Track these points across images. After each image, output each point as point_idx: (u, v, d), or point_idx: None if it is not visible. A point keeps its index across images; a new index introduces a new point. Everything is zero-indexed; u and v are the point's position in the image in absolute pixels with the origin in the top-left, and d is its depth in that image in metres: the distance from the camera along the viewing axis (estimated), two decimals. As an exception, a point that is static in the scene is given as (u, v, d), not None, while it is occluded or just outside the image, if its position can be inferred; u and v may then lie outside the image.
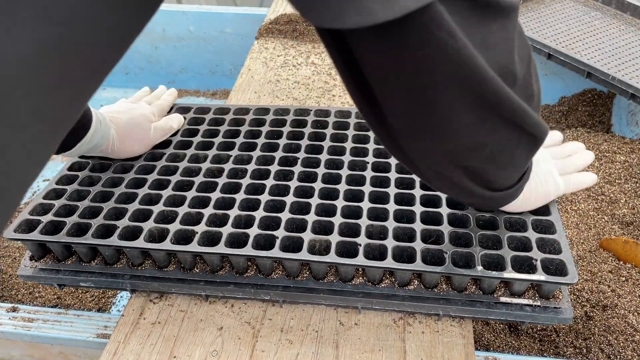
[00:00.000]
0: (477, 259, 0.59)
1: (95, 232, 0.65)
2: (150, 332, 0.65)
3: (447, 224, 0.64)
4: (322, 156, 0.76)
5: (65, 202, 0.70)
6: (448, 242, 0.62)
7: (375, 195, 0.69)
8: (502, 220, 0.64)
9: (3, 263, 1.19)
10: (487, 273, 0.58)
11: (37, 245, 0.67)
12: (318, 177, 0.72)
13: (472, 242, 0.61)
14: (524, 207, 0.63)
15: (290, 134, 0.81)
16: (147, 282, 0.66)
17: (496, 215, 0.64)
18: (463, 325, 0.64)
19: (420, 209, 0.66)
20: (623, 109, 1.50)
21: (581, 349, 0.86)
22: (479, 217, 0.65)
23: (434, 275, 0.61)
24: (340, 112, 0.84)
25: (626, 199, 1.14)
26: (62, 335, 0.70)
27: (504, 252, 0.60)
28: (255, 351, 0.62)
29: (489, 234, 0.62)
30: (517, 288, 0.60)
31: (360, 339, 0.63)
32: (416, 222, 0.64)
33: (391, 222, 0.64)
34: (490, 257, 0.60)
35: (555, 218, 0.64)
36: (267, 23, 1.31)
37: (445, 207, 0.66)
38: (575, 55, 1.27)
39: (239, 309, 0.67)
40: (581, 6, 1.49)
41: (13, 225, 0.66)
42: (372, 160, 0.74)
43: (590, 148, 1.30)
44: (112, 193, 0.71)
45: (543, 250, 0.61)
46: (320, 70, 1.14)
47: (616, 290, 0.94)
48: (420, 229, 0.63)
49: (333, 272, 0.64)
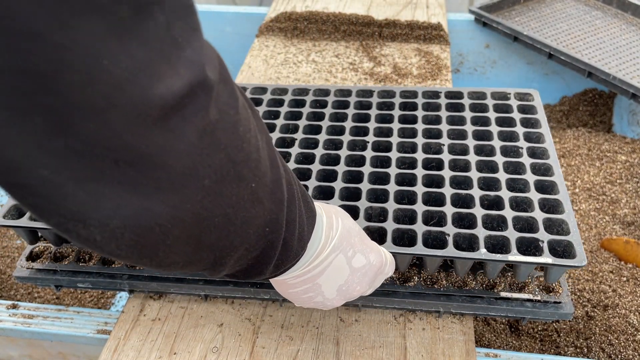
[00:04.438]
0: (480, 241, 0.56)
1: None
2: (151, 328, 0.64)
3: (450, 205, 0.61)
4: (320, 136, 0.75)
5: None
6: (451, 223, 0.59)
7: (376, 176, 0.67)
8: (508, 200, 0.61)
9: (2, 263, 1.18)
10: (490, 256, 0.55)
11: (28, 232, 0.65)
12: (316, 159, 0.71)
13: (475, 223, 0.59)
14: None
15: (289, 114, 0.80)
16: (145, 282, 0.66)
17: (501, 194, 0.62)
18: (464, 322, 0.64)
19: (422, 189, 0.64)
20: (624, 108, 1.50)
21: (582, 349, 0.86)
22: (483, 196, 0.62)
23: (436, 260, 0.59)
24: (340, 91, 0.83)
25: (627, 199, 1.14)
26: (62, 332, 0.69)
27: (509, 233, 0.57)
28: (256, 347, 0.62)
29: (494, 214, 0.60)
30: (523, 271, 0.57)
31: (360, 336, 0.63)
32: (417, 204, 0.62)
33: (391, 204, 0.62)
34: (495, 239, 0.57)
35: (563, 196, 0.60)
36: (268, 21, 1.31)
37: (448, 187, 0.64)
38: (576, 54, 1.27)
39: (239, 305, 0.67)
40: (582, 5, 1.49)
41: (2, 211, 0.63)
42: (373, 140, 0.73)
43: (591, 148, 1.30)
44: None
45: (550, 231, 0.58)
46: (320, 68, 1.14)
47: (617, 290, 0.94)
48: (421, 211, 0.60)
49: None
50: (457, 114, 0.75)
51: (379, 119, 0.78)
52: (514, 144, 0.70)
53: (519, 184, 0.64)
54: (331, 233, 0.46)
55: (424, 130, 0.73)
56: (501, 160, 0.67)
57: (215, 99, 0.30)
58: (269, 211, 0.38)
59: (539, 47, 1.32)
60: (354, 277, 0.49)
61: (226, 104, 0.32)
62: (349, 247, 0.47)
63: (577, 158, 1.27)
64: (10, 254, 1.21)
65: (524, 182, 0.64)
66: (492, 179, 0.65)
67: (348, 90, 0.83)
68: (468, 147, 0.70)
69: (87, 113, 0.24)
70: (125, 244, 0.30)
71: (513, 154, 0.69)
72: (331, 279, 0.47)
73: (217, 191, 0.32)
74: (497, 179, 0.64)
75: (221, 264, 0.38)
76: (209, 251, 0.35)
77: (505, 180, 0.64)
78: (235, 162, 0.33)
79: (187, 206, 0.31)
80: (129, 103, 0.25)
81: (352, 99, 0.81)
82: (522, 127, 0.72)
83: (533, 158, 0.67)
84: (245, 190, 0.35)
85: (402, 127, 0.74)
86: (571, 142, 1.33)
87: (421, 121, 0.75)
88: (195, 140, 0.29)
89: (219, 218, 0.34)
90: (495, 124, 0.73)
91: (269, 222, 0.38)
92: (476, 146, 0.70)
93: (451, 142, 0.71)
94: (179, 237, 0.32)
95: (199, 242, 0.34)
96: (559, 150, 1.31)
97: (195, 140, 0.29)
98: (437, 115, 0.76)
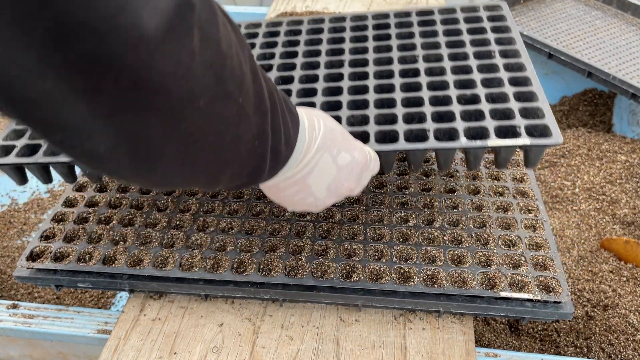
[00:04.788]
0: (460, 132, 0.58)
1: None
2: (151, 328, 0.64)
3: (428, 105, 0.63)
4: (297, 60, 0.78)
5: None
6: (431, 121, 0.60)
7: (355, 89, 0.69)
8: (484, 96, 0.63)
9: (2, 263, 1.18)
10: (471, 143, 0.56)
11: (15, 170, 0.64)
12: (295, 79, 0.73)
13: (454, 117, 0.60)
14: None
15: None
16: (145, 282, 0.66)
17: (478, 92, 0.64)
18: (464, 322, 0.64)
19: (401, 95, 0.65)
20: (624, 108, 1.50)
21: (582, 349, 0.86)
22: (460, 95, 0.64)
23: (419, 155, 0.60)
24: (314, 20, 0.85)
25: (627, 198, 1.14)
26: (62, 332, 0.69)
27: (487, 122, 0.58)
28: (256, 347, 0.62)
29: (472, 109, 0.61)
30: (503, 157, 0.59)
31: (360, 336, 0.63)
32: (397, 107, 0.63)
33: (372, 110, 0.64)
34: (474, 130, 0.58)
35: (537, 88, 0.63)
36: (268, 22, 1.32)
37: (426, 90, 0.65)
38: (576, 54, 1.27)
39: (239, 305, 0.67)
40: (582, 5, 1.49)
41: None
42: (349, 58, 0.75)
43: (591, 148, 1.30)
44: None
45: (526, 117, 0.59)
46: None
47: (617, 290, 0.94)
48: (401, 113, 0.62)
49: (333, 270, 0.64)
50: (430, 28, 0.78)
51: (354, 40, 0.80)
52: (486, 48, 0.72)
53: (493, 82, 0.66)
54: (314, 134, 0.48)
55: (399, 45, 0.75)
56: (475, 64, 0.69)
57: (198, 18, 0.31)
58: (256, 124, 0.39)
59: (539, 47, 1.32)
60: (341, 175, 0.50)
61: (208, 22, 0.32)
62: (333, 146, 0.49)
63: (577, 158, 1.27)
64: (10, 254, 1.21)
65: (499, 79, 0.65)
66: (468, 80, 0.66)
67: (321, 19, 0.85)
68: (442, 55, 0.72)
69: (86, 33, 0.26)
70: (126, 159, 0.32)
71: (487, 58, 0.71)
72: (319, 178, 0.49)
73: (209, 111, 0.33)
74: (472, 79, 0.66)
75: (216, 182, 0.40)
76: (204, 170, 0.37)
77: (480, 80, 0.66)
78: (223, 79, 0.34)
79: (182, 127, 0.32)
80: (127, 26, 0.26)
81: (326, 26, 0.83)
82: (493, 34, 0.74)
83: (506, 58, 0.69)
84: (234, 107, 0.36)
85: (377, 45, 0.76)
86: (571, 142, 1.33)
87: (395, 37, 0.78)
88: (188, 62, 0.30)
89: (211, 137, 0.35)
90: (467, 34, 0.76)
91: (256, 135, 0.40)
92: (450, 54, 0.72)
93: (425, 52, 0.73)
94: (175, 157, 0.34)
95: (194, 162, 0.35)
96: (558, 150, 1.31)
97: (189, 62, 0.30)
98: (410, 31, 0.78)
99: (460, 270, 0.62)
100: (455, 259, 0.64)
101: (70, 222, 0.71)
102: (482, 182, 0.75)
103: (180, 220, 0.71)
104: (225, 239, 0.68)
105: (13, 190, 1.42)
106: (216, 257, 0.65)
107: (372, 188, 0.75)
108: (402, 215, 0.70)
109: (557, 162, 1.28)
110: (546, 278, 0.62)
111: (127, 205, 0.73)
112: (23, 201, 1.38)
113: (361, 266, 0.63)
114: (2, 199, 1.39)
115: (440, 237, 0.67)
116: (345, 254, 0.65)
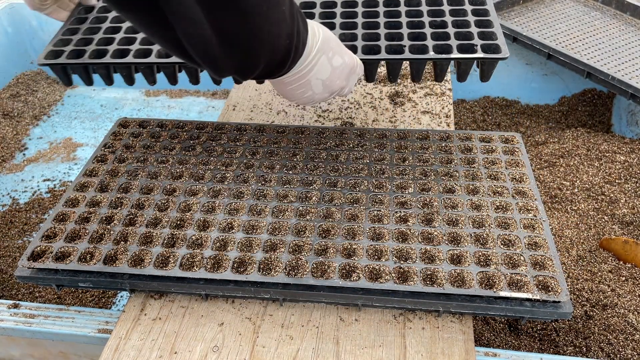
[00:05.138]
0: (430, 48, 0.77)
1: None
2: (152, 327, 0.65)
3: (406, 28, 0.82)
4: None
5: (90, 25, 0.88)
6: (407, 39, 0.79)
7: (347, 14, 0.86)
8: (450, 23, 0.82)
9: (3, 263, 1.19)
10: (438, 56, 0.76)
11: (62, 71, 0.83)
12: None
13: (426, 37, 0.79)
14: None
15: None
16: (146, 281, 0.66)
17: (446, 19, 0.83)
18: (463, 322, 0.64)
19: (384, 20, 0.85)
20: (623, 109, 1.50)
21: (581, 348, 0.86)
22: (432, 22, 0.83)
23: (397, 65, 0.80)
24: None
25: (626, 198, 1.14)
26: (63, 331, 0.70)
27: (452, 42, 0.78)
28: (256, 347, 0.62)
29: (440, 31, 0.81)
30: (463, 70, 0.79)
31: (360, 335, 0.63)
32: (381, 28, 0.82)
33: (360, 42, 0.80)
34: (441, 47, 0.78)
35: (493, 18, 0.83)
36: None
37: (404, 17, 0.85)
38: (575, 55, 1.28)
39: (239, 304, 0.67)
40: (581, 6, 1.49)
41: (42, 55, 0.78)
42: None
43: (590, 148, 1.30)
44: None
45: (482, 38, 0.79)
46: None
47: (616, 290, 0.94)
48: (383, 34, 0.81)
49: (333, 269, 0.64)
50: None
51: None
52: None
53: (459, 13, 0.86)
54: (314, 39, 0.60)
55: None
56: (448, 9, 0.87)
57: None
58: (289, 26, 0.53)
59: (538, 47, 1.32)
60: (334, 74, 0.64)
61: None
62: (329, 49, 0.62)
63: (575, 158, 1.28)
64: (11, 254, 1.21)
65: (464, 11, 0.85)
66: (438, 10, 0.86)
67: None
68: None
69: None
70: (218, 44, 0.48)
71: None
72: (317, 75, 0.62)
73: (267, 14, 0.49)
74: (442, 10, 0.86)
75: (258, 66, 0.54)
76: (257, 54, 0.53)
77: (448, 11, 0.85)
78: None
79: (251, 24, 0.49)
80: None
81: None
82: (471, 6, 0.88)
83: None
84: (279, 11, 0.51)
85: None
86: (570, 143, 1.34)
87: None
88: None
89: (265, 34, 0.51)
90: None
91: (288, 34, 0.54)
92: None
93: None
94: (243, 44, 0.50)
95: (254, 48, 0.52)
96: (557, 151, 1.32)
97: None
98: None
99: (459, 270, 0.63)
100: (454, 259, 0.65)
101: (71, 222, 0.71)
102: (482, 182, 0.75)
103: (180, 220, 0.71)
104: (225, 238, 0.68)
105: (14, 190, 1.42)
106: (217, 256, 0.66)
107: (372, 188, 0.75)
108: (402, 215, 0.70)
109: (556, 162, 1.28)
110: (545, 278, 0.62)
111: (128, 205, 0.74)
112: (24, 201, 1.38)
113: (361, 266, 0.64)
114: (3, 199, 1.39)
115: (439, 236, 0.67)
116: (345, 253, 0.66)
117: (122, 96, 1.82)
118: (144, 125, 0.90)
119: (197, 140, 0.86)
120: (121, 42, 0.83)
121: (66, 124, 1.69)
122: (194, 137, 0.86)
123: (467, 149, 0.82)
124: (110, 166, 0.81)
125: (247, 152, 0.82)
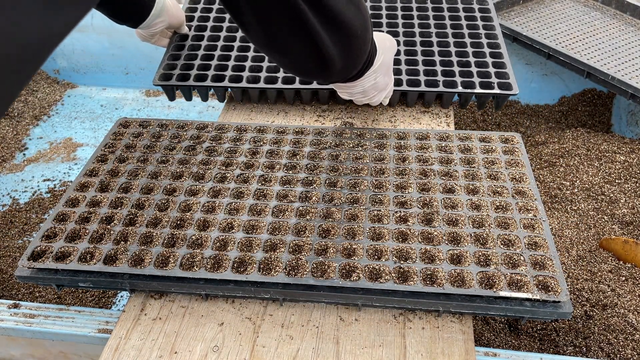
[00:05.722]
0: (458, 83, 0.92)
1: None
2: (152, 327, 0.65)
3: (439, 66, 0.97)
4: None
5: None
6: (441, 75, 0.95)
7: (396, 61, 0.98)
8: (473, 63, 0.97)
9: (3, 263, 1.19)
10: (464, 90, 0.92)
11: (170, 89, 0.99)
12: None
13: (455, 75, 0.95)
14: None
15: None
16: (146, 281, 0.66)
17: (470, 60, 0.98)
18: (463, 321, 0.64)
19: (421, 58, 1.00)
20: (623, 109, 1.50)
21: (581, 348, 0.86)
22: (458, 61, 0.97)
23: (430, 96, 0.96)
24: None
25: (626, 198, 1.14)
26: (63, 331, 0.70)
27: (475, 79, 0.94)
28: (256, 346, 0.62)
29: (465, 70, 0.96)
30: (482, 100, 0.94)
31: (360, 335, 0.63)
32: (419, 65, 0.98)
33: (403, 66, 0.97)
34: (466, 83, 0.93)
35: (505, 59, 0.97)
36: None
37: (437, 56, 0.99)
38: (575, 55, 1.28)
39: (239, 304, 0.67)
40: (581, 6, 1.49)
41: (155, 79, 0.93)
42: None
43: (590, 148, 1.30)
44: None
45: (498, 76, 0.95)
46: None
47: (616, 290, 0.95)
48: (422, 70, 0.97)
49: (333, 269, 0.64)
50: None
51: None
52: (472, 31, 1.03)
53: (479, 54, 1.00)
54: (376, 60, 0.77)
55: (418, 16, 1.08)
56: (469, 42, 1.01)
57: None
58: (370, 46, 0.71)
59: (538, 47, 1.32)
60: (375, 88, 0.82)
61: None
62: (380, 72, 0.79)
63: (575, 158, 1.28)
64: (11, 254, 1.21)
65: (482, 53, 1.00)
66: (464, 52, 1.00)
67: None
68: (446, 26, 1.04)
69: None
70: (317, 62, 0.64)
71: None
72: (369, 87, 0.81)
73: (359, 37, 0.65)
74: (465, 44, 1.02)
75: (347, 74, 0.73)
76: (346, 67, 0.69)
77: (471, 53, 1.00)
78: (364, 20, 0.65)
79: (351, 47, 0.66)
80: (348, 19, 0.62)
81: None
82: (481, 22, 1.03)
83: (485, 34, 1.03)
84: (367, 36, 0.67)
85: None
86: (570, 143, 1.34)
87: None
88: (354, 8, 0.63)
89: (356, 51, 0.68)
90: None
91: (368, 52, 0.71)
92: None
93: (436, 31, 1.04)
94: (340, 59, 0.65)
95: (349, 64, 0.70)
96: (557, 151, 1.32)
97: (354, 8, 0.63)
98: None
99: (459, 270, 0.63)
100: (454, 259, 0.65)
101: (71, 222, 0.71)
102: (481, 182, 0.75)
103: (180, 219, 0.71)
104: (225, 238, 0.68)
105: (14, 190, 1.42)
106: (217, 256, 0.66)
107: (372, 188, 0.75)
108: (402, 215, 0.70)
109: (556, 162, 1.28)
110: (545, 277, 0.62)
111: (128, 204, 0.74)
112: (24, 201, 1.38)
113: (361, 265, 0.64)
114: (3, 199, 1.39)
115: (439, 236, 0.67)
116: (345, 253, 0.66)
117: (122, 96, 1.82)
118: (145, 125, 0.90)
119: (198, 140, 0.86)
120: (216, 68, 0.99)
121: (66, 124, 1.69)
122: (194, 137, 0.86)
123: (466, 148, 0.82)
124: (110, 166, 0.81)
125: (247, 152, 0.82)
